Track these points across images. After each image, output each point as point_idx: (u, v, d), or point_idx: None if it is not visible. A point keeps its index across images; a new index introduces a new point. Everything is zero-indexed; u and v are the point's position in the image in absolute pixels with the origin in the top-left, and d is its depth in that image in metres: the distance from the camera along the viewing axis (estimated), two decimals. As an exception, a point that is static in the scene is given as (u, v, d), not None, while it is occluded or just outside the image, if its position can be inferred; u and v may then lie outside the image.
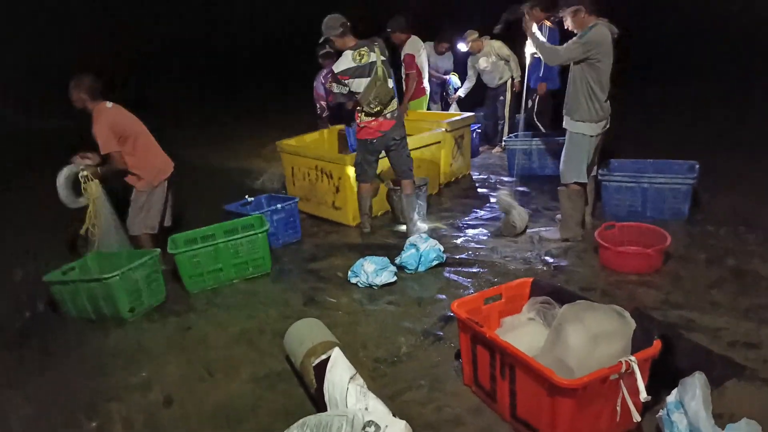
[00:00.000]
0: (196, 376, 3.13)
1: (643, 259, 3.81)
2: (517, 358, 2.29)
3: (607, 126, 4.27)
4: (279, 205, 4.82)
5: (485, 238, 4.75)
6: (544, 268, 4.08)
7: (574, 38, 4.06)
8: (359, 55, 4.41)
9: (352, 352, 3.07)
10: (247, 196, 5.16)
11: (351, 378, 2.21)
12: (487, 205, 5.60)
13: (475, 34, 7.06)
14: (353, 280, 4.04)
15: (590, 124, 4.14)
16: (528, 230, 4.76)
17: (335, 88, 4.55)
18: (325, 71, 6.43)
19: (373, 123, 4.53)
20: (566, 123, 4.26)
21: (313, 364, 2.52)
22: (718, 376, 2.67)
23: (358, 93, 4.44)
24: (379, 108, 4.47)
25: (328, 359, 2.38)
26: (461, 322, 2.65)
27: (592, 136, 4.18)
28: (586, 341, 2.26)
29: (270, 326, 3.57)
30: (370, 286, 3.95)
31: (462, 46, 7.26)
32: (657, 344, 2.27)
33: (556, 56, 4.13)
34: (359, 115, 4.57)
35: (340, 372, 2.24)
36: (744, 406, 2.50)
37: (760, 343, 2.98)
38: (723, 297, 3.47)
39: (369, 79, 4.39)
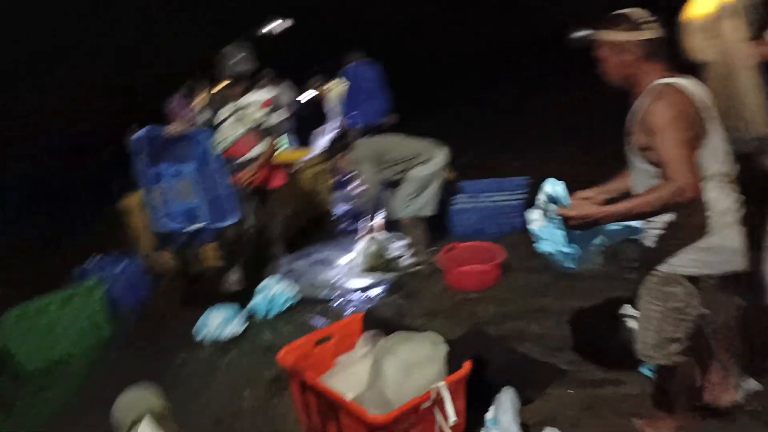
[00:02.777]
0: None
1: (480, 276, 3.96)
2: (334, 401, 2.27)
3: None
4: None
5: (343, 273, 4.73)
6: (396, 297, 4.14)
7: None
8: None
9: (191, 416, 2.94)
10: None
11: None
12: (348, 240, 5.57)
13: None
14: (199, 337, 3.85)
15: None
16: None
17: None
18: None
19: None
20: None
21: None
22: (541, 383, 2.82)
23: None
24: None
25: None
26: (288, 369, 2.60)
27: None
28: (399, 372, 2.29)
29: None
30: (218, 340, 3.79)
31: (307, 95, 7.11)
32: (466, 366, 2.35)
33: None
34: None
35: (147, 448, 2.09)
36: (567, 408, 2.65)
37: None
38: (550, 302, 3.68)
39: None
